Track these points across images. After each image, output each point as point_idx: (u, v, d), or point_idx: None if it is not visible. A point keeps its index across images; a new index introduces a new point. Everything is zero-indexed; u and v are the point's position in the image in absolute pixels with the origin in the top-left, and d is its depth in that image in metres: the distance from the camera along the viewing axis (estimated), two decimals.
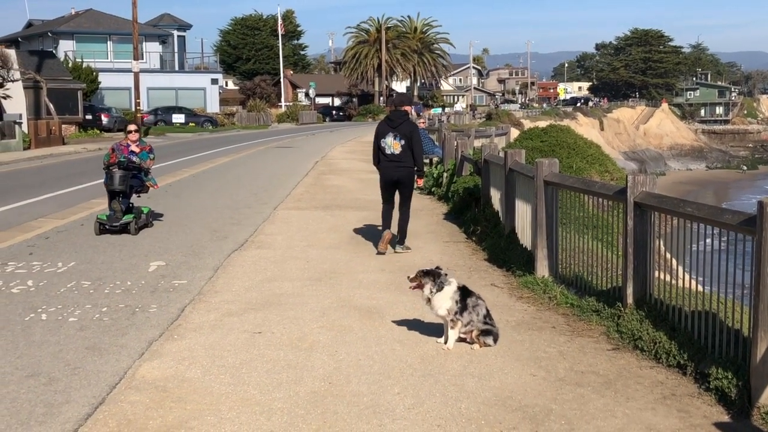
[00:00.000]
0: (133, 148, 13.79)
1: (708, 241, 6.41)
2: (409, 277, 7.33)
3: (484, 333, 7.07)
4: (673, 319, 6.77)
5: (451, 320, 7.08)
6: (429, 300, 7.17)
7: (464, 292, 7.18)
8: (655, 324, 6.88)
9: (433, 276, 7.19)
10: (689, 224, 6.76)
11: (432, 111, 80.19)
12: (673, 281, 7.48)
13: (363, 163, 29.36)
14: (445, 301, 7.11)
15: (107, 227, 12.95)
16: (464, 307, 7.07)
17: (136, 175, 13.67)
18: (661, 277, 7.47)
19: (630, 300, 7.36)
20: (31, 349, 6.98)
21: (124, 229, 13.00)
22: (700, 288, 6.76)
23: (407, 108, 12.01)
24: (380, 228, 12.88)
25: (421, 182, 12.30)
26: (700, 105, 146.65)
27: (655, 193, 7.20)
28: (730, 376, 5.74)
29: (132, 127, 14.11)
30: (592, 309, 7.92)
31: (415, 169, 11.79)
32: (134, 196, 13.91)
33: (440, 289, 7.13)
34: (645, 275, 7.29)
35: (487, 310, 7.19)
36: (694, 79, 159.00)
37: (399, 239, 11.96)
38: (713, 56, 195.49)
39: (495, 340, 7.09)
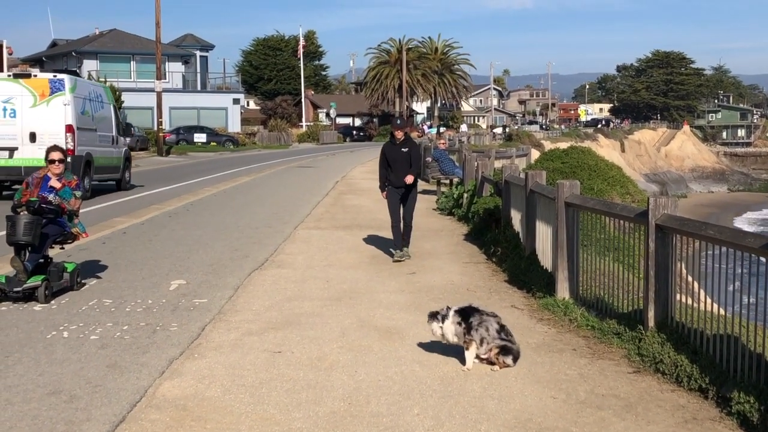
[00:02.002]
0: (53, 182, 10.26)
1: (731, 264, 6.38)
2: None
3: (503, 352, 7.06)
4: (694, 343, 6.73)
5: (464, 342, 7.12)
6: (442, 335, 7.29)
7: (465, 313, 7.24)
8: (677, 347, 6.84)
9: (435, 314, 7.36)
10: (711, 247, 6.73)
11: (427, 129, 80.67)
12: (695, 304, 7.44)
13: None
14: (449, 328, 7.24)
15: (6, 293, 9.49)
16: (469, 326, 7.14)
17: (56, 219, 10.19)
18: (683, 300, 7.44)
19: (651, 323, 7.32)
20: (52, 366, 7.02)
21: (29, 296, 9.53)
22: (722, 311, 6.72)
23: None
24: (401, 248, 13.05)
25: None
26: (721, 127, 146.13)
27: (677, 215, 7.17)
28: (752, 401, 5.69)
29: (55, 155, 10.40)
30: (613, 331, 7.88)
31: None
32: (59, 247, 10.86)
33: (443, 320, 7.26)
34: (666, 298, 7.25)
35: (501, 326, 7.22)
36: (716, 101, 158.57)
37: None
38: (735, 78, 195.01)
39: (515, 360, 7.08)
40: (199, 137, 63.65)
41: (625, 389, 6.52)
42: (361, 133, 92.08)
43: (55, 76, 22.58)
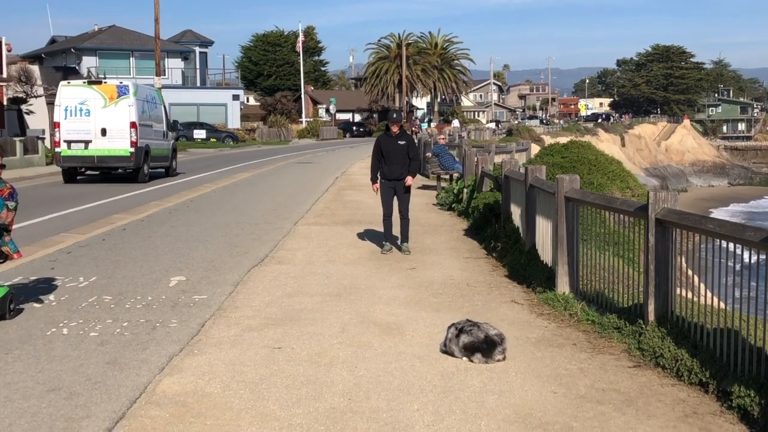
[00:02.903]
0: None
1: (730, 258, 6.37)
2: None
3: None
4: (695, 337, 6.72)
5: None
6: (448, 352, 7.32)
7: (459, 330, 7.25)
8: (677, 341, 6.83)
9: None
10: (711, 241, 6.71)
11: (421, 125, 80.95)
12: (695, 298, 7.43)
13: None
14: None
15: None
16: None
17: None
18: (683, 294, 7.43)
19: (651, 317, 7.31)
20: (52, 363, 7.01)
21: None
22: (722, 305, 6.71)
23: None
24: (401, 242, 13.11)
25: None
26: (722, 121, 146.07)
27: (677, 209, 7.16)
28: (752, 395, 5.68)
29: None
30: (613, 326, 7.88)
31: None
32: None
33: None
34: (666, 292, 7.24)
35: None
36: (716, 95, 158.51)
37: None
38: (735, 72, 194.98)
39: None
40: (199, 133, 63.62)
41: (626, 384, 6.52)
42: (361, 129, 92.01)
43: (121, 82, 27.87)
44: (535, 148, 40.31)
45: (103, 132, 26.72)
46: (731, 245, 6.38)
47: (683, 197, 57.54)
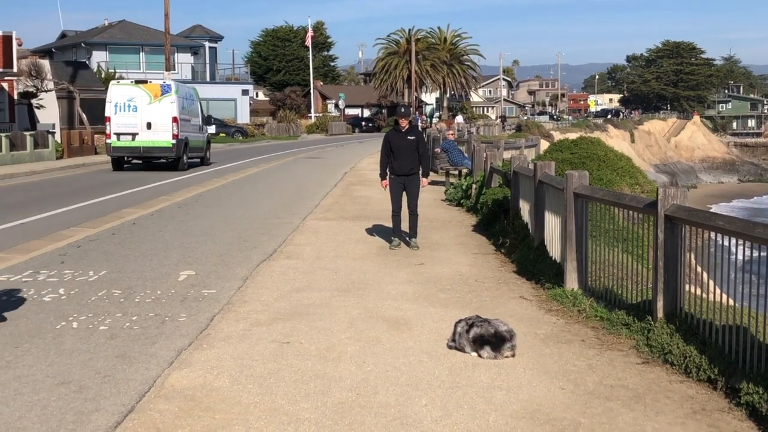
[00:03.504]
0: None
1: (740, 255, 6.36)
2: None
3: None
4: (703, 333, 6.72)
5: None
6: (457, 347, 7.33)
7: (470, 325, 7.26)
8: (686, 338, 6.82)
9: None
10: (721, 237, 6.70)
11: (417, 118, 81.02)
12: (704, 295, 7.42)
13: None
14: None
15: None
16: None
17: None
18: (692, 290, 7.41)
19: (660, 314, 7.30)
20: (61, 357, 7.04)
21: None
22: (731, 302, 6.70)
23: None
24: (409, 238, 13.14)
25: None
26: (732, 118, 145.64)
27: (686, 206, 7.15)
28: (761, 391, 5.68)
29: None
30: (621, 322, 7.87)
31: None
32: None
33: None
34: (675, 289, 7.23)
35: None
36: (726, 91, 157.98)
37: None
38: (745, 69, 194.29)
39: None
40: (209, 128, 63.62)
41: (634, 380, 6.51)
42: (370, 124, 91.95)
43: (164, 82, 31.53)
44: (544, 144, 40.24)
45: (149, 125, 30.11)
46: (741, 242, 6.36)
47: (693, 194, 57.39)
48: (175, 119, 30.23)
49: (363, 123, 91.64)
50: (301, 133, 77.08)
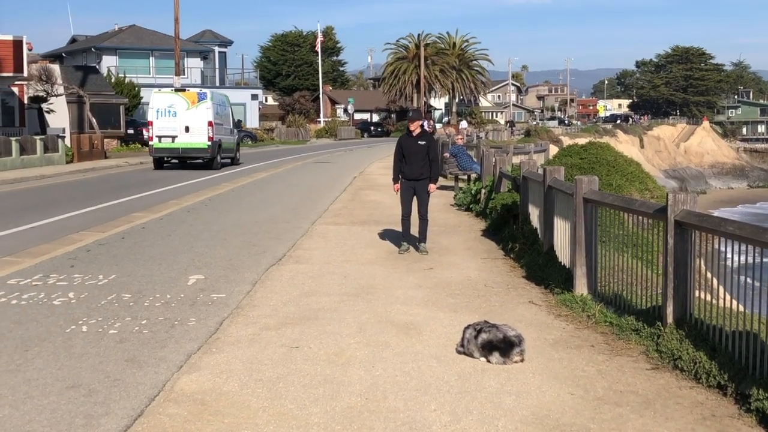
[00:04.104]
0: None
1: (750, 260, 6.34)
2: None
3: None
4: (713, 339, 6.70)
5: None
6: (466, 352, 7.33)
7: (478, 331, 7.26)
8: (696, 344, 6.80)
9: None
10: (731, 243, 6.68)
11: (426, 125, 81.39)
12: (714, 301, 7.40)
13: None
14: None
15: None
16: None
17: None
18: (702, 296, 7.40)
19: (670, 319, 7.29)
20: (71, 360, 7.06)
21: None
22: (741, 308, 6.68)
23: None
24: (418, 243, 13.15)
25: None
26: (741, 123, 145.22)
27: (696, 211, 7.13)
28: None
29: None
30: (631, 328, 7.85)
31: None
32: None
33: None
34: (685, 294, 7.22)
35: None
36: (736, 97, 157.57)
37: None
38: (755, 74, 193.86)
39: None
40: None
41: (644, 386, 6.50)
42: (379, 129, 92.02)
43: (201, 90, 35.71)
44: (553, 149, 40.22)
45: (186, 129, 33.41)
46: (751, 248, 6.34)
47: (702, 199, 57.31)
48: (210, 123, 33.37)
49: (372, 128, 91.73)
50: (310, 138, 77.18)
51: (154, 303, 9.28)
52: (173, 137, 33.62)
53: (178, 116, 33.54)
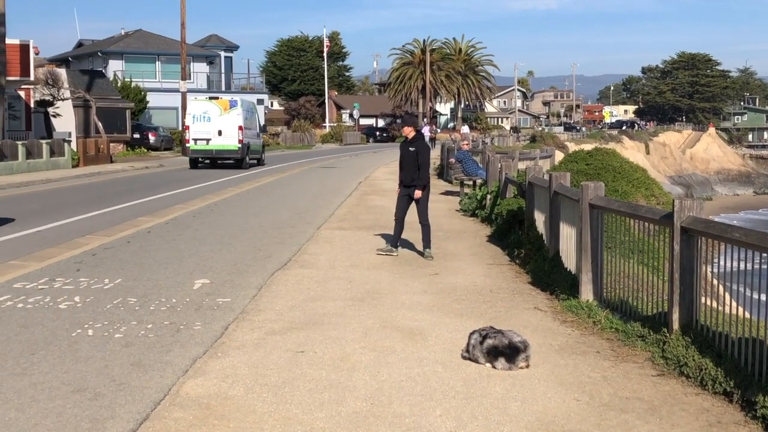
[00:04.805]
0: None
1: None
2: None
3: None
4: (719, 346, 6.69)
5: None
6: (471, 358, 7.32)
7: (484, 337, 7.25)
8: (701, 350, 6.79)
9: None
10: (737, 249, 6.67)
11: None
12: (720, 307, 7.39)
13: None
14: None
15: None
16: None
17: None
18: (708, 302, 7.39)
19: (676, 326, 7.28)
20: (77, 364, 7.07)
21: None
22: (747, 314, 6.67)
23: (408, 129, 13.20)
24: (423, 248, 13.10)
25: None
26: (747, 130, 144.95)
27: (702, 218, 7.12)
28: None
29: None
30: (637, 334, 7.84)
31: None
32: None
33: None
34: (691, 301, 7.21)
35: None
36: (742, 103, 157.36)
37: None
38: (761, 81, 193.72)
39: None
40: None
41: (649, 392, 6.49)
42: (385, 134, 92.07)
43: (232, 98, 40.20)
44: (558, 155, 40.18)
45: (219, 133, 37.21)
46: (758, 254, 6.33)
47: (708, 205, 57.21)
48: (240, 128, 37.34)
49: (377, 133, 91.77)
50: (316, 143, 77.26)
51: (160, 307, 9.29)
52: (207, 140, 37.38)
53: (212, 121, 37.23)
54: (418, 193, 13.07)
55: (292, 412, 5.94)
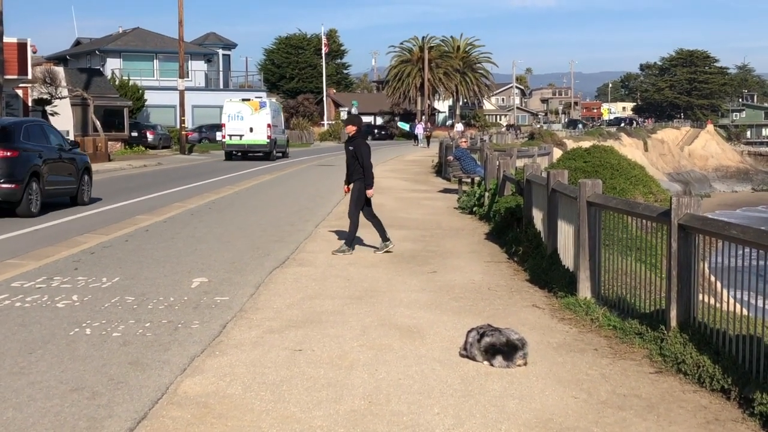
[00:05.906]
0: None
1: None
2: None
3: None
4: (717, 343, 6.69)
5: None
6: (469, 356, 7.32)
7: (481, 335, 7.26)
8: (699, 347, 6.80)
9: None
10: (735, 247, 6.67)
11: (400, 125, 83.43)
12: (718, 304, 7.39)
13: (404, 182, 29.41)
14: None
15: None
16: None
17: None
18: (705, 300, 7.39)
19: (673, 323, 7.28)
20: (75, 363, 7.06)
21: None
22: (744, 312, 6.67)
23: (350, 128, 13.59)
24: (344, 244, 13.11)
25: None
26: (746, 126, 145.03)
27: (700, 215, 7.12)
28: None
29: None
30: (635, 331, 7.85)
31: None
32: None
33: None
34: (689, 298, 7.21)
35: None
36: (740, 100, 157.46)
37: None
38: (760, 77, 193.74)
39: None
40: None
41: (647, 389, 6.49)
42: (383, 132, 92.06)
43: (262, 100, 47.68)
44: (557, 153, 40.21)
45: (251, 129, 43.58)
46: (755, 251, 6.34)
47: (706, 203, 57.23)
48: (269, 125, 43.77)
49: (375, 130, 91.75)
50: (314, 141, 77.23)
51: (158, 306, 9.29)
52: (240, 136, 43.80)
53: (245, 120, 43.65)
54: (369, 192, 13.38)
55: (290, 410, 5.95)
